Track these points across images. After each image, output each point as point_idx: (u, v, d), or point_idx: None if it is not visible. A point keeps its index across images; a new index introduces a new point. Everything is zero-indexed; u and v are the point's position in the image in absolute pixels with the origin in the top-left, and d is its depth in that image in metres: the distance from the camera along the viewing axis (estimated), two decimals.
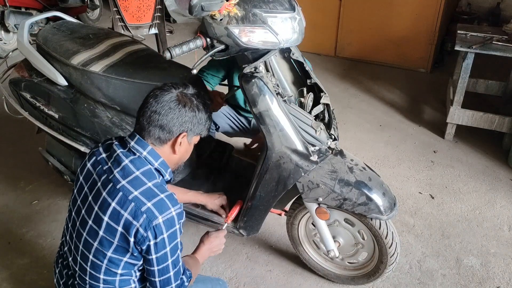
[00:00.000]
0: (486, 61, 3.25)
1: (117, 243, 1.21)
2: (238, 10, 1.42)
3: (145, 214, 1.17)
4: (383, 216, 1.64)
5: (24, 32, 2.05)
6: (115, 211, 1.18)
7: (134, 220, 1.17)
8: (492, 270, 2.12)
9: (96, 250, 1.23)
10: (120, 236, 1.19)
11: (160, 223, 1.18)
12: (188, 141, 1.33)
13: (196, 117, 1.29)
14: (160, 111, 1.24)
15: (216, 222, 1.93)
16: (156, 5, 3.48)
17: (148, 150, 1.26)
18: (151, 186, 1.22)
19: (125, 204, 1.18)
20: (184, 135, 1.29)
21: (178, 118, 1.25)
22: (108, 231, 1.20)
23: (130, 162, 1.23)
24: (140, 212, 1.17)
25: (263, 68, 1.57)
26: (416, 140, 3.19)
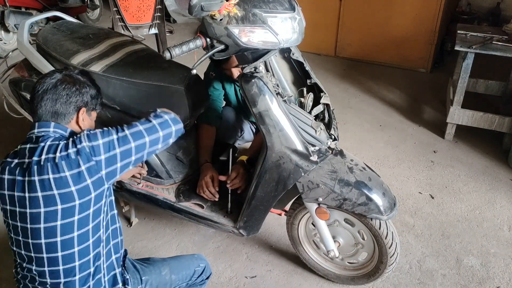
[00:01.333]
0: (486, 61, 3.25)
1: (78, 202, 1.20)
2: (238, 10, 1.42)
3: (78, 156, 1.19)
4: (383, 216, 1.64)
5: (24, 32, 2.05)
6: (57, 180, 1.18)
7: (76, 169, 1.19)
8: (492, 270, 2.12)
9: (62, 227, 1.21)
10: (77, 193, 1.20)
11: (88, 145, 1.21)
12: (88, 117, 1.39)
13: (88, 93, 1.36)
14: (52, 96, 1.29)
15: (216, 221, 1.93)
16: (156, 5, 3.48)
17: (53, 126, 1.29)
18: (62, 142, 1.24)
19: (58, 167, 1.18)
20: (83, 110, 1.35)
21: (72, 97, 1.31)
22: (65, 200, 1.19)
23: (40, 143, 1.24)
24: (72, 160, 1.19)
25: (263, 68, 1.57)
26: (416, 140, 3.19)
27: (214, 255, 2.19)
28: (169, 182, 2.07)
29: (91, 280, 1.28)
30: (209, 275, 1.67)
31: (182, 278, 1.56)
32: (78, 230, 1.22)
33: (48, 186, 1.19)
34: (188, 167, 2.13)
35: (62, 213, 1.20)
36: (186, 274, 1.56)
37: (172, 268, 1.53)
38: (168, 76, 1.88)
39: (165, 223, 2.39)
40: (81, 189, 1.20)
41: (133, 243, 2.26)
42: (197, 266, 1.60)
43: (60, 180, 1.18)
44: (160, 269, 1.51)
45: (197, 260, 1.62)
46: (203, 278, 1.64)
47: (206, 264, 1.64)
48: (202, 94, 2.03)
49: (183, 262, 1.59)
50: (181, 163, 2.10)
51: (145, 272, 1.48)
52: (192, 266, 1.59)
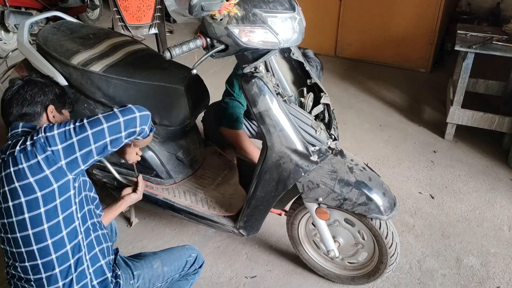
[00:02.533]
0: (486, 61, 3.25)
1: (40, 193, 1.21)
2: (238, 10, 1.42)
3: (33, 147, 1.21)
4: (383, 216, 1.64)
5: (24, 32, 2.05)
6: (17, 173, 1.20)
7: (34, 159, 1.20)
8: (492, 270, 2.12)
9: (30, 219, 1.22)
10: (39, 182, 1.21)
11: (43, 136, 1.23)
12: (60, 115, 1.45)
13: (51, 92, 1.42)
14: (17, 100, 1.36)
15: (216, 221, 1.93)
16: (156, 5, 3.48)
17: (21, 126, 1.34)
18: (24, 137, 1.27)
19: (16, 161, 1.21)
20: (51, 108, 1.41)
21: (36, 97, 1.38)
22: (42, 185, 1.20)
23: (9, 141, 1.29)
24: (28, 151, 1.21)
25: (263, 68, 1.57)
26: (416, 140, 3.19)
27: (214, 255, 2.19)
28: (169, 182, 2.07)
29: (74, 272, 1.28)
30: (202, 264, 1.68)
31: (175, 269, 1.56)
32: (48, 222, 1.22)
33: (10, 180, 1.21)
34: (188, 167, 2.13)
35: (27, 205, 1.21)
36: (178, 265, 1.57)
37: (163, 260, 1.54)
38: (168, 76, 1.88)
39: (165, 223, 2.39)
40: (40, 180, 1.20)
41: (133, 243, 2.26)
42: (189, 256, 1.61)
43: (19, 172, 1.20)
44: (151, 263, 1.52)
45: (188, 251, 1.63)
46: (195, 267, 1.64)
47: (198, 253, 1.65)
48: (202, 94, 2.03)
49: (174, 253, 1.60)
50: (181, 163, 2.10)
51: (136, 267, 1.48)
52: (183, 257, 1.60)
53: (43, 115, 1.39)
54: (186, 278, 1.66)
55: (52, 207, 1.22)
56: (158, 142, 2.01)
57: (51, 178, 1.21)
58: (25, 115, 1.36)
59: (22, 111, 1.36)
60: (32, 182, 1.20)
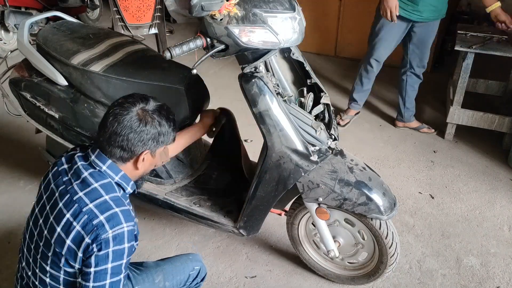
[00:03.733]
0: (486, 61, 3.24)
1: (64, 256, 1.17)
2: (238, 10, 1.42)
3: (97, 227, 1.13)
4: (383, 216, 1.64)
5: (24, 32, 2.05)
6: (67, 222, 1.16)
7: (85, 234, 1.14)
8: (492, 270, 2.12)
9: (51, 261, 1.20)
10: (67, 249, 1.16)
11: (109, 237, 1.14)
12: (152, 156, 1.30)
13: (159, 134, 1.26)
14: (121, 132, 1.20)
15: (216, 221, 1.93)
16: (156, 5, 3.48)
17: (108, 165, 1.23)
18: (108, 199, 1.18)
19: (78, 216, 1.15)
20: (147, 152, 1.26)
21: (140, 138, 1.22)
22: (58, 243, 1.17)
23: (89, 174, 1.21)
24: (91, 225, 1.14)
25: (263, 68, 1.57)
26: (416, 140, 3.19)
27: (214, 255, 2.19)
28: (169, 182, 2.07)
29: None
30: (204, 276, 1.64)
31: (176, 284, 1.52)
32: (64, 275, 1.21)
33: (59, 221, 1.18)
34: (188, 167, 2.13)
35: (54, 250, 1.18)
36: (180, 279, 1.53)
37: (166, 274, 1.50)
38: (168, 76, 1.88)
39: (165, 223, 2.39)
40: (69, 247, 1.16)
41: None
42: (192, 269, 1.57)
43: (68, 225, 1.16)
44: (153, 276, 1.47)
45: (192, 263, 1.58)
46: (198, 281, 1.61)
47: (201, 265, 1.61)
48: (202, 94, 2.03)
49: (178, 266, 1.55)
50: (181, 163, 2.10)
51: (137, 280, 1.44)
52: (186, 270, 1.55)
53: (133, 158, 1.26)
54: None
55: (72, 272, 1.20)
56: None
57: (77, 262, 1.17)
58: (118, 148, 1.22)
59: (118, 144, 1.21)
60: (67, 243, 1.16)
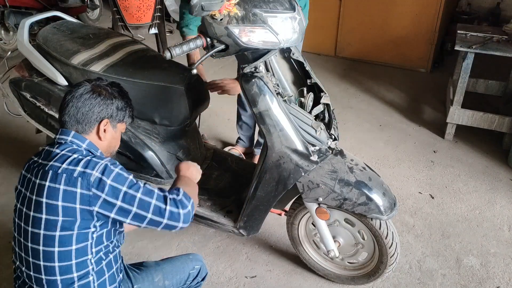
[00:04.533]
0: (486, 61, 3.25)
1: (62, 219, 1.19)
2: (238, 10, 1.42)
3: (79, 177, 1.18)
4: (383, 216, 1.64)
5: (24, 32, 2.05)
6: (50, 189, 1.18)
7: (72, 187, 1.17)
8: (492, 270, 2.12)
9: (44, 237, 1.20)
10: (62, 210, 1.18)
11: (97, 176, 1.18)
12: (113, 129, 1.37)
13: (113, 104, 1.35)
14: (77, 104, 1.30)
15: (216, 221, 1.93)
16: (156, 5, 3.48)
17: (72, 135, 1.29)
18: (76, 156, 1.23)
19: (57, 179, 1.18)
20: (106, 121, 1.33)
21: (95, 107, 1.31)
22: (50, 211, 1.19)
23: (56, 149, 1.26)
24: (73, 178, 1.18)
25: (263, 68, 1.57)
26: (416, 140, 3.19)
27: (214, 255, 2.19)
28: (169, 182, 2.07)
29: None
30: (205, 276, 1.64)
31: (176, 283, 1.52)
32: (59, 247, 1.20)
33: (41, 192, 1.19)
34: None
35: (45, 223, 1.19)
36: (180, 278, 1.53)
37: (165, 273, 1.50)
38: (168, 76, 1.88)
39: None
40: (68, 208, 1.18)
41: (133, 243, 2.25)
42: (192, 268, 1.57)
43: (53, 190, 1.18)
44: (152, 276, 1.47)
45: (192, 262, 1.58)
46: (198, 280, 1.60)
47: (202, 265, 1.61)
48: (202, 94, 2.03)
49: (178, 265, 1.55)
50: None
51: (137, 280, 1.44)
52: (186, 270, 1.55)
53: (94, 126, 1.32)
54: None
55: (67, 234, 1.20)
56: (158, 142, 2.01)
57: (78, 212, 1.18)
58: (77, 121, 1.30)
59: (77, 117, 1.30)
60: (59, 205, 1.18)
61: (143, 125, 1.98)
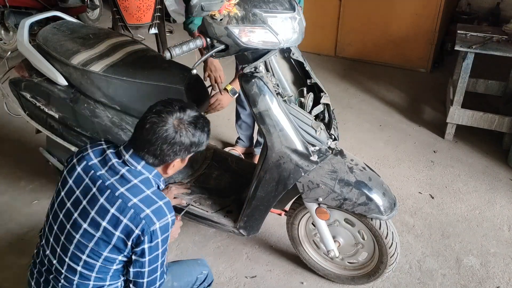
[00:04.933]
0: (486, 61, 3.25)
1: (114, 245, 1.24)
2: (238, 10, 1.42)
3: (144, 220, 1.21)
4: (383, 216, 1.64)
5: (24, 32, 2.05)
6: (114, 217, 1.22)
7: (134, 226, 1.21)
8: (492, 270, 2.12)
9: (91, 250, 1.26)
10: (117, 239, 1.24)
11: (157, 228, 1.23)
12: (181, 162, 1.36)
13: (192, 144, 1.29)
14: (155, 142, 1.23)
15: (216, 221, 1.93)
16: (156, 5, 3.48)
17: (142, 165, 1.28)
18: (150, 193, 1.26)
19: (124, 210, 1.22)
20: (178, 160, 1.33)
21: (173, 149, 1.26)
22: (105, 235, 1.24)
23: (127, 171, 1.27)
24: (139, 218, 1.21)
25: (263, 68, 1.57)
26: (416, 140, 3.19)
27: (214, 255, 2.19)
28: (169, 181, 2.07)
29: None
30: (211, 282, 1.66)
31: (184, 285, 1.55)
32: (88, 257, 1.27)
33: (103, 215, 1.23)
34: (188, 167, 2.13)
35: (97, 241, 1.24)
36: (188, 281, 1.56)
37: (174, 275, 1.52)
38: (168, 76, 1.88)
39: None
40: (108, 231, 1.23)
41: None
42: (200, 273, 1.59)
43: (114, 221, 1.22)
44: None
45: (199, 267, 1.61)
46: (204, 285, 1.62)
47: (209, 271, 1.64)
48: (202, 94, 2.03)
49: (186, 268, 1.58)
50: None
51: None
52: (194, 273, 1.58)
53: (164, 164, 1.31)
54: None
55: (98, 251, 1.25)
56: None
57: (128, 247, 1.25)
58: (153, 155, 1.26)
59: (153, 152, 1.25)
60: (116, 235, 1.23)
61: None
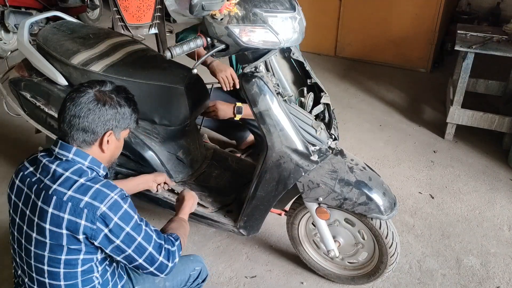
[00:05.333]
0: (486, 61, 3.25)
1: (66, 246, 1.17)
2: (239, 10, 1.42)
3: (86, 209, 1.14)
4: (383, 216, 1.64)
5: (24, 31, 2.05)
6: (54, 216, 1.15)
7: (77, 219, 1.14)
8: (492, 270, 2.12)
9: (49, 258, 1.19)
10: (67, 238, 1.16)
11: (104, 211, 1.15)
12: (116, 138, 1.30)
13: (119, 113, 1.26)
14: (80, 114, 1.20)
15: (216, 220, 1.93)
16: (156, 5, 3.48)
17: (73, 152, 1.22)
18: (83, 181, 1.18)
19: (62, 206, 1.15)
20: (110, 133, 1.26)
21: (100, 118, 1.22)
22: (54, 238, 1.17)
23: (57, 166, 1.20)
24: (79, 209, 1.14)
25: (263, 68, 1.57)
26: (416, 140, 3.19)
27: (214, 255, 2.19)
28: None
29: None
30: (205, 278, 1.64)
31: (177, 284, 1.52)
32: (65, 268, 1.20)
33: (44, 218, 1.16)
34: (188, 167, 2.13)
35: (50, 247, 1.18)
36: (180, 279, 1.53)
37: None
38: (168, 76, 1.88)
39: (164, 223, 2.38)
40: (71, 236, 1.16)
41: None
42: (193, 270, 1.57)
43: (57, 218, 1.15)
44: (153, 277, 1.47)
45: (192, 263, 1.58)
46: (198, 281, 1.61)
47: (202, 266, 1.61)
48: (202, 94, 2.03)
49: (178, 266, 1.51)
50: (181, 163, 2.10)
51: (138, 280, 1.44)
52: (187, 271, 1.55)
53: (97, 138, 1.25)
54: None
55: (73, 258, 1.19)
56: (158, 142, 2.01)
57: (82, 242, 1.17)
58: (80, 132, 1.22)
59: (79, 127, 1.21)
60: (64, 234, 1.16)
61: (143, 125, 1.98)
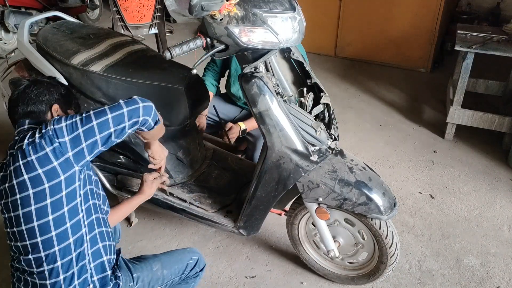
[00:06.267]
0: (486, 61, 3.25)
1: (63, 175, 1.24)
2: (238, 10, 1.42)
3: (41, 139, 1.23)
4: (383, 216, 1.64)
5: (24, 31, 2.05)
6: (26, 165, 1.23)
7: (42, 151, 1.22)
8: (492, 270, 2.12)
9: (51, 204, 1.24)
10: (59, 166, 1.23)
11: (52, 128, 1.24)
12: (64, 114, 1.44)
13: (55, 91, 1.45)
14: (24, 98, 1.39)
15: (216, 221, 1.93)
16: (156, 5, 3.48)
17: (27, 122, 1.37)
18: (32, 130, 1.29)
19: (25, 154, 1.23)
20: (56, 107, 1.43)
21: (41, 95, 1.41)
22: (49, 175, 1.23)
23: (15, 137, 1.32)
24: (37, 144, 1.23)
25: (263, 68, 1.57)
26: (416, 140, 3.19)
27: (214, 255, 2.19)
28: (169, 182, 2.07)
29: (75, 266, 1.29)
30: (203, 267, 1.68)
31: (175, 272, 1.57)
32: (53, 213, 1.25)
33: (19, 172, 1.23)
34: (188, 167, 2.13)
35: (34, 197, 1.23)
36: (178, 268, 1.58)
37: (163, 263, 1.55)
38: (168, 76, 1.88)
39: (165, 223, 2.39)
40: (48, 171, 1.22)
41: (133, 243, 2.26)
42: (189, 259, 1.61)
43: (28, 164, 1.22)
44: (151, 265, 1.53)
45: (189, 253, 1.63)
46: (196, 270, 1.64)
47: (199, 256, 1.65)
48: (202, 94, 2.03)
49: (175, 256, 1.60)
50: (181, 163, 2.10)
51: (136, 269, 1.49)
52: (184, 260, 1.60)
53: (48, 113, 1.41)
54: (187, 282, 1.66)
55: (58, 198, 1.24)
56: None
57: (58, 169, 1.23)
58: (31, 113, 1.38)
59: (28, 109, 1.39)
60: (40, 173, 1.22)
61: None
